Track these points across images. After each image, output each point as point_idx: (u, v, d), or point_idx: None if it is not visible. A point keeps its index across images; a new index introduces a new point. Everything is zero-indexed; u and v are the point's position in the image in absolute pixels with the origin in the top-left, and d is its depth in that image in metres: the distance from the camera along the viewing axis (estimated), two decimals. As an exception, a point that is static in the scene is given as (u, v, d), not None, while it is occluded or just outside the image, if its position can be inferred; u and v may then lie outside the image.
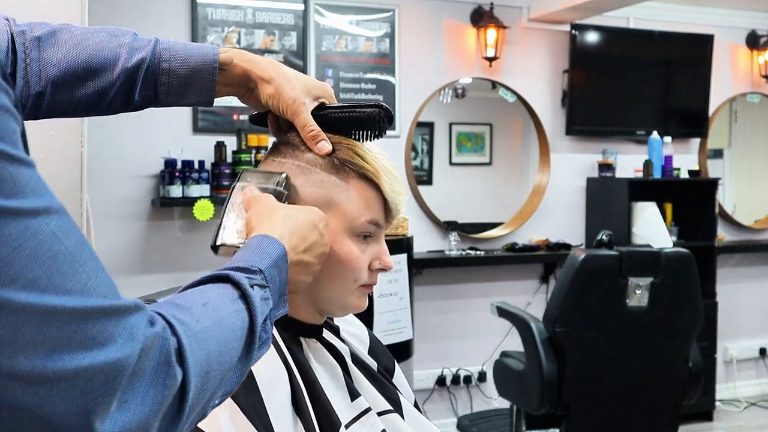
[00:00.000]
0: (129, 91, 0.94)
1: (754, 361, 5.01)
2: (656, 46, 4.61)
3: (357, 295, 1.00)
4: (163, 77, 0.94)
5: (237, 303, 0.71)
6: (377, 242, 1.00)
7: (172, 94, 0.95)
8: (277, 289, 0.78)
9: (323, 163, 0.96)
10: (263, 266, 0.76)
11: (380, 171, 0.97)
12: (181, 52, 0.95)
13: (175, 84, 0.94)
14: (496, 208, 4.70)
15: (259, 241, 0.81)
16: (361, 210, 0.97)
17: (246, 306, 0.71)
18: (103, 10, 3.47)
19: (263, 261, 0.77)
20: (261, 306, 0.73)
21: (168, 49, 0.94)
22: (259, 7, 3.83)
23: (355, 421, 0.98)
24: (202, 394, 0.63)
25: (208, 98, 0.96)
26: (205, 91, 0.95)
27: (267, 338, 0.75)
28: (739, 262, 4.99)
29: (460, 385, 4.33)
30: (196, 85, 0.95)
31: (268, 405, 0.89)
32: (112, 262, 3.55)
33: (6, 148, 0.49)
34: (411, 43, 4.18)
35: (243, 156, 3.66)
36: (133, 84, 0.93)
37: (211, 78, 0.95)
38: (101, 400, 0.52)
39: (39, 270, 0.49)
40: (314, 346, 1.02)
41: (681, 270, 2.88)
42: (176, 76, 0.94)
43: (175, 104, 0.97)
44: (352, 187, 0.96)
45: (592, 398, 2.90)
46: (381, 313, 3.10)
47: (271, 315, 0.75)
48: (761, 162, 5.34)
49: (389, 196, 0.98)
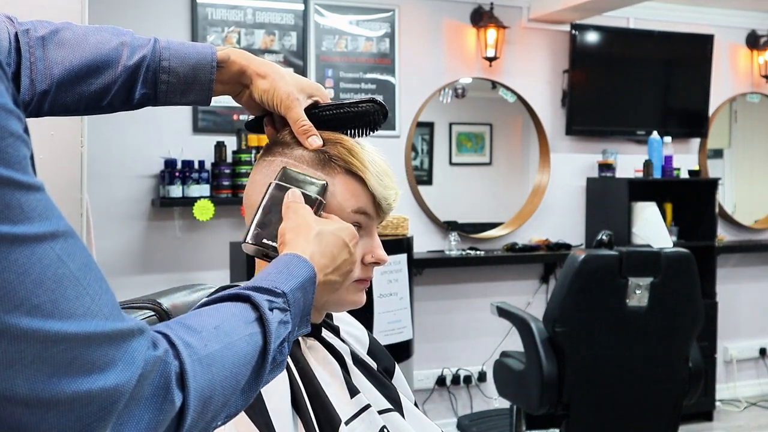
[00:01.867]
0: (129, 89, 0.94)
1: (754, 361, 5.01)
2: (656, 46, 4.61)
3: (352, 290, 1.00)
4: (164, 75, 0.94)
5: (252, 326, 0.70)
6: (369, 236, 1.00)
7: (172, 92, 0.95)
8: (299, 311, 0.77)
9: (310, 160, 0.97)
10: (287, 289, 0.75)
11: (367, 165, 0.97)
12: (180, 50, 0.95)
13: (174, 82, 0.95)
14: (496, 208, 4.70)
15: (288, 261, 0.80)
16: (346, 201, 0.97)
17: (261, 330, 0.70)
18: (103, 9, 3.47)
19: (289, 283, 0.76)
20: (278, 330, 0.72)
21: (167, 47, 0.95)
22: (259, 7, 3.84)
23: (355, 418, 0.98)
24: (201, 417, 0.63)
25: (206, 96, 0.97)
26: (204, 90, 0.96)
27: (282, 360, 0.74)
28: (739, 262, 4.99)
29: (460, 385, 4.33)
30: (195, 84, 0.96)
31: (268, 403, 0.89)
32: (112, 262, 3.55)
33: (16, 176, 0.49)
34: (411, 43, 4.18)
35: (243, 156, 3.66)
36: (134, 82, 0.94)
37: (210, 76, 0.95)
38: (97, 424, 0.52)
39: (44, 295, 0.50)
40: (313, 345, 1.02)
41: (681, 270, 2.88)
42: (176, 74, 0.95)
43: (174, 103, 0.97)
44: (338, 182, 0.97)
45: (592, 398, 2.90)
46: (381, 313, 3.09)
47: (289, 338, 0.74)
48: (761, 162, 5.34)
49: (375, 189, 0.98)
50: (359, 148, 0.99)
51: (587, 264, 2.81)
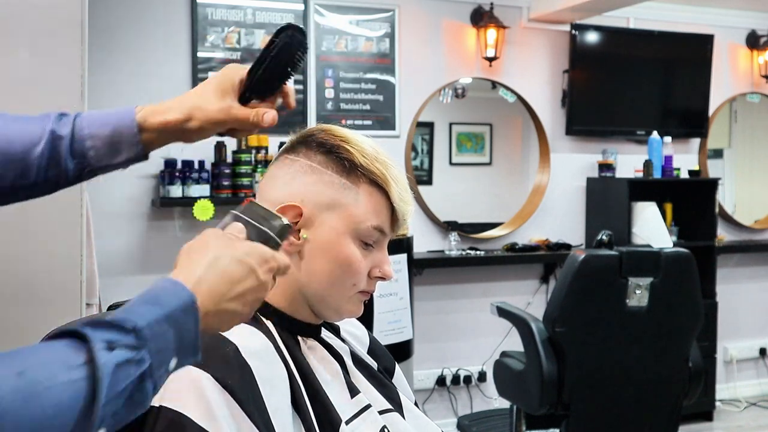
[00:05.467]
0: (57, 162, 0.97)
1: (754, 361, 5.01)
2: (656, 46, 4.61)
3: (354, 300, 1.01)
4: (88, 142, 0.96)
5: (75, 371, 0.62)
6: (379, 250, 1.01)
7: (103, 155, 0.97)
8: (169, 344, 0.69)
9: (335, 166, 0.97)
10: (143, 323, 0.67)
11: (390, 179, 0.98)
12: (100, 116, 0.98)
13: (100, 146, 0.97)
14: (496, 208, 4.70)
15: (161, 288, 0.72)
16: (368, 215, 0.97)
17: (90, 374, 0.63)
18: (104, 10, 3.48)
19: (148, 315, 0.68)
20: (116, 373, 0.64)
21: (87, 116, 0.98)
22: (259, 7, 3.84)
23: (355, 418, 0.98)
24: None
25: (139, 151, 0.98)
26: (133, 144, 0.97)
27: (142, 400, 0.67)
28: (739, 262, 4.99)
29: (460, 385, 4.33)
30: (122, 142, 0.97)
31: (268, 403, 0.89)
32: (112, 262, 3.55)
33: None
34: (411, 43, 4.18)
35: (243, 156, 3.66)
36: (59, 154, 0.96)
37: (134, 131, 0.96)
38: None
39: None
40: (312, 345, 1.02)
41: (681, 270, 2.88)
42: (99, 137, 0.97)
43: (110, 166, 0.99)
44: (362, 192, 0.97)
45: (592, 398, 2.90)
46: (381, 313, 3.10)
47: (154, 373, 0.67)
48: (761, 162, 5.34)
49: (397, 204, 0.99)
50: (383, 160, 0.99)
51: (587, 264, 2.81)
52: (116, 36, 3.59)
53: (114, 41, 3.57)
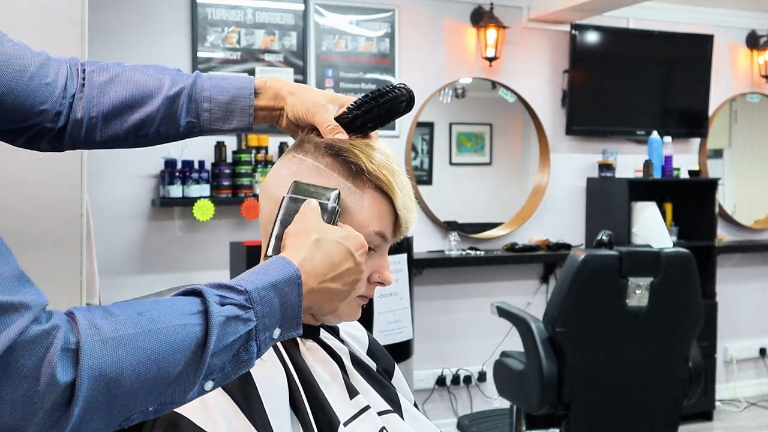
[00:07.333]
0: (173, 117, 1.02)
1: (754, 361, 5.01)
2: (656, 46, 4.61)
3: (352, 305, 1.01)
4: (205, 104, 1.03)
5: (190, 317, 0.70)
6: (380, 255, 1.01)
7: (215, 119, 1.03)
8: (274, 311, 0.76)
9: (341, 169, 0.97)
10: (252, 287, 0.74)
11: (396, 187, 0.98)
12: (221, 81, 1.04)
13: (216, 110, 1.03)
14: (496, 208, 4.70)
15: (270, 263, 0.80)
16: (372, 221, 0.97)
17: (203, 322, 0.70)
18: (104, 10, 3.48)
19: (257, 282, 0.75)
20: (225, 325, 0.71)
21: (209, 79, 1.04)
22: (259, 7, 3.84)
23: (354, 419, 0.98)
24: (106, 398, 0.62)
25: (248, 122, 1.04)
26: (245, 116, 1.03)
27: (248, 359, 0.74)
28: (739, 262, 4.99)
29: (460, 385, 4.33)
30: (236, 110, 1.03)
31: (267, 404, 0.89)
32: (112, 262, 3.55)
33: None
34: (411, 43, 4.18)
35: (243, 156, 3.66)
36: (177, 111, 1.02)
37: (249, 101, 1.03)
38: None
39: None
40: (311, 346, 1.02)
41: (681, 270, 2.88)
42: (217, 102, 1.03)
43: (219, 130, 1.04)
44: (367, 197, 0.97)
45: (592, 398, 2.90)
46: (381, 313, 3.09)
47: (258, 336, 0.74)
48: (761, 162, 5.34)
49: (401, 212, 0.99)
50: (390, 166, 0.99)
51: (587, 264, 2.81)
52: (116, 36, 3.59)
53: (114, 41, 3.57)
